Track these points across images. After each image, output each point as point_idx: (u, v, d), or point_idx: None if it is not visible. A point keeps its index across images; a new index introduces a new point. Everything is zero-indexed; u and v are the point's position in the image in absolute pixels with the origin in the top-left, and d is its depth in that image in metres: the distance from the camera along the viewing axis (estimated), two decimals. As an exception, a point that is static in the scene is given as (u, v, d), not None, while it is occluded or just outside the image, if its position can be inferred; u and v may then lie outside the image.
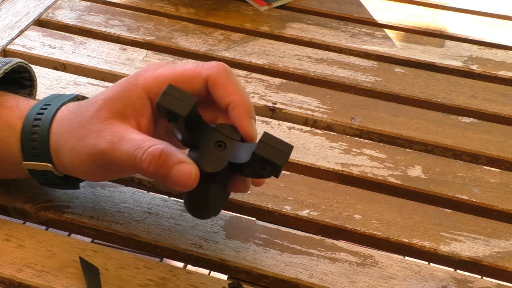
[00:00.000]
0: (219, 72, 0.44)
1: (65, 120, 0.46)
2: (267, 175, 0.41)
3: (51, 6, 0.76)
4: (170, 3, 0.79)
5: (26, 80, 0.53)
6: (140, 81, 0.44)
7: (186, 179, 0.40)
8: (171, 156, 0.41)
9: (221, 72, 0.44)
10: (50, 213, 0.51)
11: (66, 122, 0.46)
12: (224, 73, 0.44)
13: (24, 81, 0.53)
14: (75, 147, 0.44)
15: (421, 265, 0.49)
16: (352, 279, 0.47)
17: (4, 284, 0.46)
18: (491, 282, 0.48)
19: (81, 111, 0.45)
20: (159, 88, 0.43)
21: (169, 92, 0.41)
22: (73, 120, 0.45)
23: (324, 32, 0.75)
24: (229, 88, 0.44)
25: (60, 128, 0.46)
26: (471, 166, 0.58)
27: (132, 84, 0.44)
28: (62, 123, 0.46)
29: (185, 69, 0.44)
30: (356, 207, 0.53)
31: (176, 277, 0.46)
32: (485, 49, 0.74)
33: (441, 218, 0.53)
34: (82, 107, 0.46)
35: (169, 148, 0.41)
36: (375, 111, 0.63)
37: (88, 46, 0.70)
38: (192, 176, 0.40)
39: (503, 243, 0.51)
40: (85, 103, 0.46)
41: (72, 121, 0.45)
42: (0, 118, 0.47)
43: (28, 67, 0.52)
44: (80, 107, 0.46)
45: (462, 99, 0.66)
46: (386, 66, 0.70)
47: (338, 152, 0.58)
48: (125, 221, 0.50)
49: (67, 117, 0.46)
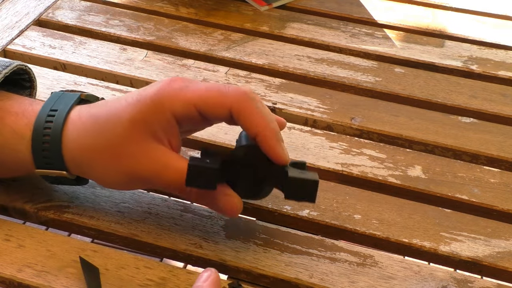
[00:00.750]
0: (242, 101, 0.44)
1: (81, 132, 0.46)
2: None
3: (51, 6, 0.76)
4: (170, 3, 0.79)
5: (26, 81, 0.53)
6: (166, 104, 0.44)
7: (233, 211, 0.46)
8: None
9: (245, 101, 0.44)
10: (50, 213, 0.51)
11: (83, 134, 0.46)
12: (248, 102, 0.44)
13: (24, 82, 0.53)
14: (108, 166, 0.45)
15: (421, 265, 0.49)
16: (352, 279, 0.47)
17: (4, 284, 0.46)
18: (491, 282, 0.48)
19: (103, 126, 0.45)
20: (186, 111, 0.44)
21: (192, 173, 0.44)
22: (95, 135, 0.45)
23: (324, 32, 0.75)
24: (254, 118, 0.44)
25: (77, 140, 0.46)
26: (471, 166, 0.58)
27: (159, 106, 0.44)
28: (77, 134, 0.46)
29: (209, 95, 0.45)
30: (356, 207, 0.53)
31: (176, 277, 0.46)
32: (485, 49, 0.74)
33: (441, 218, 0.53)
34: (100, 120, 0.45)
35: None
36: (375, 111, 0.63)
37: (88, 46, 0.70)
38: (238, 207, 0.46)
39: (503, 243, 0.51)
40: (104, 116, 0.45)
41: (93, 136, 0.45)
42: (6, 126, 0.46)
43: (28, 69, 0.52)
44: (98, 120, 0.46)
45: (462, 99, 0.66)
46: (386, 66, 0.70)
47: (338, 152, 0.58)
48: (125, 221, 0.50)
49: (82, 128, 0.46)
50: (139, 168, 0.45)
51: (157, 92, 0.45)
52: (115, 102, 0.46)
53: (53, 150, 0.46)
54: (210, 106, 0.44)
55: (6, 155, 0.47)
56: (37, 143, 0.46)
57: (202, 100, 0.44)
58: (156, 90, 0.45)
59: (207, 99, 0.44)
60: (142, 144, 0.44)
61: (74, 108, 0.47)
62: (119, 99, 0.46)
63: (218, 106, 0.44)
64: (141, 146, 0.44)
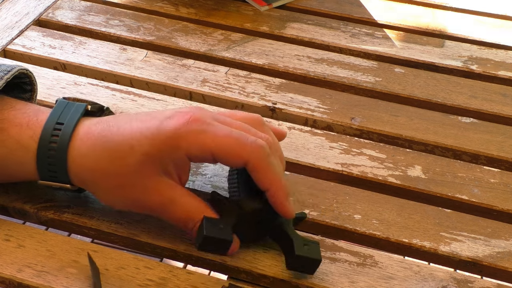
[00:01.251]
0: (260, 158, 0.45)
1: (90, 152, 0.45)
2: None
3: (51, 6, 0.76)
4: (170, 3, 0.79)
5: (26, 84, 0.52)
6: (183, 146, 0.44)
7: (232, 253, 0.47)
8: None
9: (262, 158, 0.45)
10: (50, 213, 0.51)
11: (91, 155, 0.45)
12: (265, 160, 0.45)
13: (25, 85, 0.52)
14: (114, 190, 0.46)
15: (421, 265, 0.49)
16: (352, 279, 0.47)
17: (4, 284, 0.46)
18: (491, 282, 0.48)
19: (114, 152, 0.45)
20: (202, 156, 0.45)
21: (206, 242, 0.46)
22: (103, 158, 0.45)
23: (324, 32, 0.75)
24: (268, 175, 0.45)
25: (84, 158, 0.45)
26: (471, 166, 0.58)
27: (175, 147, 0.44)
28: (85, 152, 0.46)
29: (227, 145, 0.45)
30: (356, 207, 0.53)
31: (176, 277, 0.46)
32: (485, 49, 0.74)
33: (441, 218, 0.53)
34: (111, 144, 0.45)
35: None
36: (375, 111, 0.63)
37: (88, 46, 0.70)
38: (236, 249, 0.47)
39: (503, 243, 0.51)
40: (116, 141, 0.45)
41: (102, 159, 0.45)
42: (11, 138, 0.46)
43: (29, 73, 0.51)
44: (108, 143, 0.45)
45: (462, 99, 0.66)
46: (386, 66, 0.70)
47: (338, 152, 0.58)
48: (125, 221, 0.50)
49: (91, 148, 0.45)
50: (146, 199, 0.46)
51: (174, 131, 0.44)
52: (127, 125, 0.45)
53: (58, 164, 0.46)
54: (227, 156, 0.45)
55: (10, 166, 0.47)
56: (42, 157, 0.46)
57: (220, 149, 0.44)
58: (174, 128, 0.44)
59: (225, 149, 0.45)
60: (153, 178, 0.45)
61: (81, 122, 0.47)
62: (131, 121, 0.46)
63: (235, 157, 0.45)
64: (151, 180, 0.45)
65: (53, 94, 0.62)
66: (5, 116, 0.47)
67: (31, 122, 0.47)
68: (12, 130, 0.46)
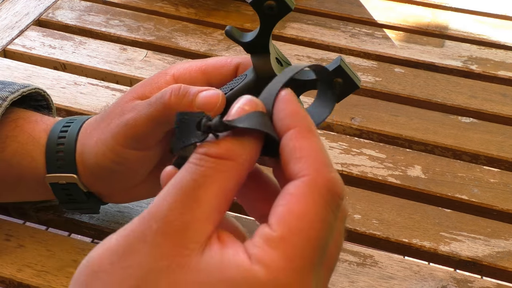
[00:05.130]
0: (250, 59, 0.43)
1: (92, 122, 0.46)
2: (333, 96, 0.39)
3: (51, 6, 0.76)
4: (170, 3, 0.79)
5: (44, 108, 0.52)
6: (170, 70, 0.45)
7: (214, 99, 0.40)
8: (191, 88, 0.41)
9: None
10: (50, 213, 0.51)
11: (93, 122, 0.46)
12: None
13: (42, 109, 0.52)
14: (100, 138, 0.44)
15: (420, 265, 0.49)
16: (352, 279, 0.47)
17: (4, 284, 0.46)
18: (491, 282, 0.48)
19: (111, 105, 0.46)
20: (188, 76, 0.44)
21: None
22: (100, 117, 0.45)
23: (324, 32, 0.75)
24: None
25: (87, 130, 0.45)
26: (471, 166, 0.58)
27: (163, 72, 0.45)
28: (89, 126, 0.46)
29: (216, 59, 0.45)
30: (356, 207, 0.53)
31: (176, 277, 0.46)
32: (484, 49, 0.74)
33: (441, 218, 0.53)
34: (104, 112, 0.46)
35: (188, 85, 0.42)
36: (375, 111, 0.63)
37: (88, 46, 0.70)
38: (220, 96, 0.40)
39: (502, 243, 0.51)
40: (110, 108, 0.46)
41: (98, 118, 0.45)
42: (24, 132, 0.46)
43: (46, 95, 0.51)
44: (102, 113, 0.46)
45: (462, 99, 0.66)
46: (386, 66, 0.70)
47: (338, 152, 0.58)
48: (125, 221, 0.50)
49: (94, 119, 0.46)
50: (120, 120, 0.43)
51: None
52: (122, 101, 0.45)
53: (66, 151, 0.45)
54: (216, 67, 0.44)
55: (20, 162, 0.46)
56: (51, 146, 0.45)
57: (208, 62, 0.44)
58: None
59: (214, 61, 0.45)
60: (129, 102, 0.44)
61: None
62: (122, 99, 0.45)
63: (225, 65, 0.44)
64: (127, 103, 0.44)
65: (53, 94, 0.62)
66: (20, 116, 0.47)
67: (46, 119, 0.47)
68: (27, 126, 0.46)
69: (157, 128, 0.42)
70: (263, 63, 0.41)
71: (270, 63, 0.40)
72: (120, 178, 0.45)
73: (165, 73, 0.45)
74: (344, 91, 0.40)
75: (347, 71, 0.40)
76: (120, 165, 0.44)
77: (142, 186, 0.46)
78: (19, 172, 0.46)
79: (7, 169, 0.46)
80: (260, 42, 0.40)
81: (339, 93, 0.40)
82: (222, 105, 0.40)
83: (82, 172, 0.45)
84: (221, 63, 0.44)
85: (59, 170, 0.45)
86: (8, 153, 0.46)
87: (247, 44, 0.41)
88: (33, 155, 0.46)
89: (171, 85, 0.42)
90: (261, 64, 0.41)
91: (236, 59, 0.44)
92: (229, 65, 0.44)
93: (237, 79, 0.42)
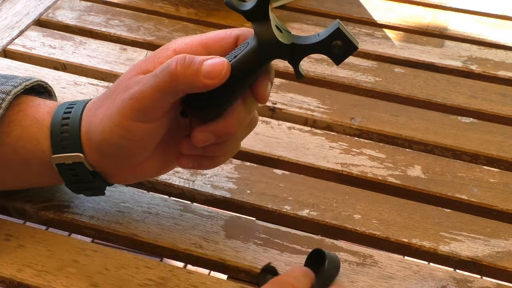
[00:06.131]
0: (249, 31, 0.45)
1: (96, 101, 0.46)
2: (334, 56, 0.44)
3: (51, 6, 0.76)
4: (170, 3, 0.79)
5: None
6: (171, 46, 0.45)
7: (220, 66, 0.42)
8: (196, 57, 0.42)
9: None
10: (50, 213, 0.51)
11: (97, 101, 0.46)
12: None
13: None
14: (105, 114, 0.44)
15: (420, 265, 0.49)
16: (352, 279, 0.47)
17: (4, 284, 0.46)
18: (491, 282, 0.48)
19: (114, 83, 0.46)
20: (190, 50, 0.44)
21: None
22: (103, 95, 0.46)
23: (324, 32, 0.75)
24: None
25: (91, 109, 0.46)
26: (471, 166, 0.58)
27: (164, 48, 0.46)
28: (93, 105, 0.46)
29: (215, 33, 0.46)
30: (356, 207, 0.53)
31: (176, 277, 0.46)
32: (484, 49, 0.74)
33: (441, 218, 0.53)
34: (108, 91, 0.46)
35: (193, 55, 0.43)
36: (375, 111, 0.63)
37: (88, 46, 0.70)
38: (225, 64, 0.42)
39: (502, 243, 0.51)
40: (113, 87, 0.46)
41: (102, 96, 0.46)
42: (28, 116, 0.46)
43: (48, 87, 0.51)
44: (106, 92, 0.46)
45: (462, 99, 0.66)
46: (386, 66, 0.70)
47: (338, 152, 0.58)
48: (125, 221, 0.50)
49: (98, 98, 0.46)
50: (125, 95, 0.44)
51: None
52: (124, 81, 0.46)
53: (71, 131, 0.45)
54: (216, 40, 0.45)
55: (25, 146, 0.46)
56: (56, 126, 0.45)
57: (208, 36, 0.45)
58: None
59: (213, 35, 0.45)
60: (133, 77, 0.45)
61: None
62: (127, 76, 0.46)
63: (225, 37, 0.45)
64: (131, 79, 0.44)
65: (53, 94, 0.62)
66: (23, 100, 0.47)
67: (49, 102, 0.48)
68: (30, 110, 0.47)
69: (164, 98, 0.43)
70: (265, 29, 0.42)
71: (271, 29, 0.42)
72: (127, 154, 0.45)
73: (166, 49, 0.45)
74: (344, 53, 0.43)
75: (345, 33, 0.43)
76: (127, 139, 0.44)
77: (147, 164, 0.47)
78: (24, 157, 0.46)
79: (12, 154, 0.46)
80: (259, 11, 0.42)
81: (339, 55, 0.44)
82: (227, 72, 0.42)
83: (88, 150, 0.45)
84: (221, 36, 0.45)
85: (64, 150, 0.45)
86: (12, 138, 0.46)
87: (247, 12, 0.42)
88: (38, 138, 0.46)
89: (176, 56, 0.43)
90: (263, 31, 0.42)
91: (235, 31, 0.45)
92: (229, 38, 0.45)
93: (239, 47, 0.43)
